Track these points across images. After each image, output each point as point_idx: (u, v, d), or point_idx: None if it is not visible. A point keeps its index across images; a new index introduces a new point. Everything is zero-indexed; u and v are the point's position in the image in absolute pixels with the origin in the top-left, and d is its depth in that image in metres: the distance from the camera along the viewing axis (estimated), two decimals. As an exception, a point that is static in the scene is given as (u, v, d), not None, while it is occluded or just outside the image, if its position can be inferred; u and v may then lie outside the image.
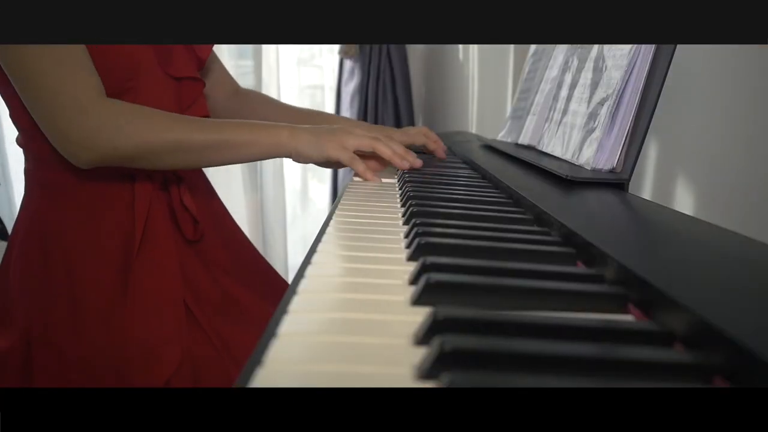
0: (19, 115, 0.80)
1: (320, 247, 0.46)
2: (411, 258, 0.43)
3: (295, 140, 0.78)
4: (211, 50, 0.92)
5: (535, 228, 0.52)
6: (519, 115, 1.02)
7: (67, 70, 0.71)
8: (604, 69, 0.70)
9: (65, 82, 0.71)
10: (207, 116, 0.95)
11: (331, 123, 1.03)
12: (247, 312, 0.91)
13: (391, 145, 0.81)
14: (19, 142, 0.83)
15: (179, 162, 0.78)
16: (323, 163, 0.82)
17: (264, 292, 0.97)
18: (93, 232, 0.82)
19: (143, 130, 0.74)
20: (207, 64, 0.99)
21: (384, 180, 0.82)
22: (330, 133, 0.79)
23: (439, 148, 1.00)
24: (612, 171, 0.65)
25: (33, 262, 0.81)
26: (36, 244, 0.82)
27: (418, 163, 0.82)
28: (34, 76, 0.70)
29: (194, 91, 0.88)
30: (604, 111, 0.67)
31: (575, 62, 0.81)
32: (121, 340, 0.78)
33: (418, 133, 1.01)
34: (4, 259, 0.86)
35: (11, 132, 1.79)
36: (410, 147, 0.95)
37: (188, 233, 0.88)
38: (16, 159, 1.84)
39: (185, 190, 0.88)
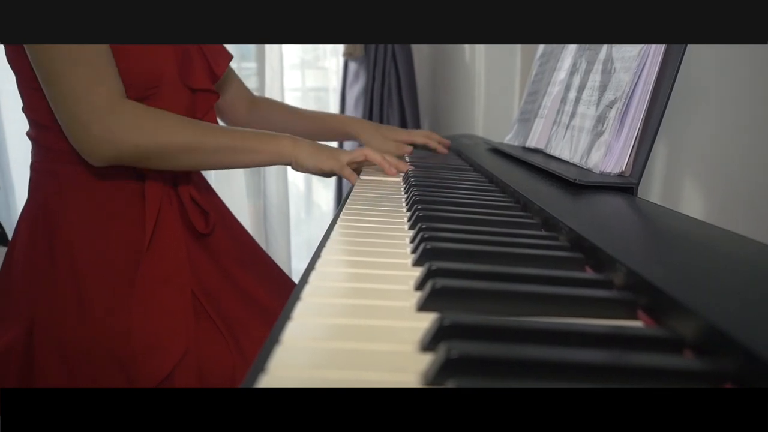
0: (33, 109, 0.83)
1: (324, 252, 0.45)
2: (417, 263, 0.43)
3: (296, 150, 0.86)
4: (227, 66, 0.98)
5: (542, 232, 0.51)
6: (526, 118, 1.02)
7: (95, 71, 0.76)
8: (612, 71, 0.70)
9: (93, 82, 0.76)
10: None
11: (343, 123, 1.16)
12: (256, 303, 0.93)
13: (380, 154, 0.89)
14: (31, 135, 0.86)
15: (191, 162, 0.84)
16: (319, 173, 0.90)
17: (271, 285, 0.99)
18: (101, 226, 0.84)
19: (163, 130, 0.80)
20: (226, 80, 1.08)
21: (388, 180, 0.83)
22: (329, 149, 0.88)
23: (439, 146, 1.16)
24: (621, 175, 0.64)
25: (38, 254, 0.83)
26: (42, 235, 0.83)
27: (404, 167, 0.89)
28: (63, 73, 0.74)
29: (208, 102, 0.94)
30: (612, 114, 0.66)
31: (583, 64, 0.80)
32: (126, 331, 0.79)
33: (419, 134, 1.18)
34: (6, 253, 0.87)
35: (11, 136, 1.80)
36: (413, 145, 1.14)
37: (200, 226, 0.92)
38: (17, 163, 1.84)
39: (193, 186, 0.92)
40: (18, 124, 1.79)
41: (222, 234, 0.97)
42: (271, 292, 0.96)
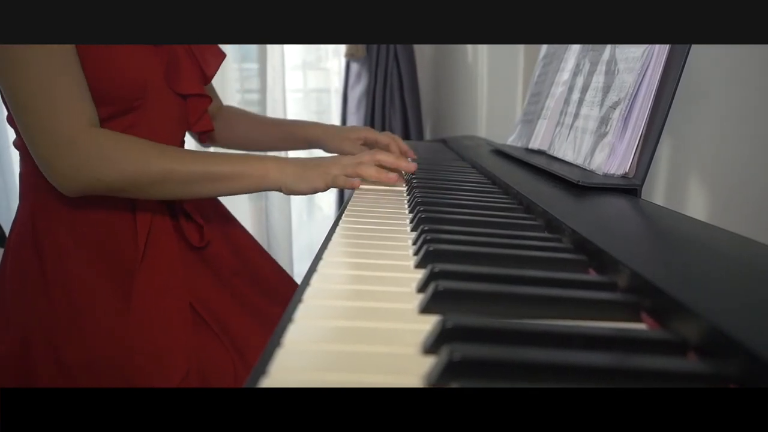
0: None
1: (326, 254, 0.45)
2: (419, 265, 0.42)
3: (283, 175, 0.78)
4: (219, 66, 0.93)
5: (545, 234, 0.51)
6: (529, 119, 1.02)
7: (62, 95, 0.70)
8: (616, 72, 0.70)
9: (57, 110, 0.70)
10: (211, 131, 0.99)
11: (303, 129, 1.07)
12: (257, 312, 0.91)
13: (374, 167, 0.79)
14: (17, 144, 0.83)
15: (166, 193, 0.77)
16: (315, 193, 0.82)
17: (274, 295, 0.97)
18: (90, 239, 0.82)
19: (128, 161, 0.73)
20: None
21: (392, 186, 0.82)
22: (316, 165, 0.79)
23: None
24: (624, 176, 0.64)
25: (28, 264, 0.80)
26: (30, 244, 0.81)
27: (410, 167, 0.82)
28: (25, 98, 0.69)
29: (200, 107, 0.89)
30: (616, 115, 0.66)
31: (587, 65, 0.80)
32: (126, 350, 0.77)
33: (385, 135, 1.02)
34: (1, 265, 0.85)
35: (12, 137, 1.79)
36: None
37: (194, 240, 0.89)
38: (17, 164, 1.84)
39: (186, 200, 0.88)
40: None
41: (223, 246, 0.95)
42: (273, 301, 0.94)
